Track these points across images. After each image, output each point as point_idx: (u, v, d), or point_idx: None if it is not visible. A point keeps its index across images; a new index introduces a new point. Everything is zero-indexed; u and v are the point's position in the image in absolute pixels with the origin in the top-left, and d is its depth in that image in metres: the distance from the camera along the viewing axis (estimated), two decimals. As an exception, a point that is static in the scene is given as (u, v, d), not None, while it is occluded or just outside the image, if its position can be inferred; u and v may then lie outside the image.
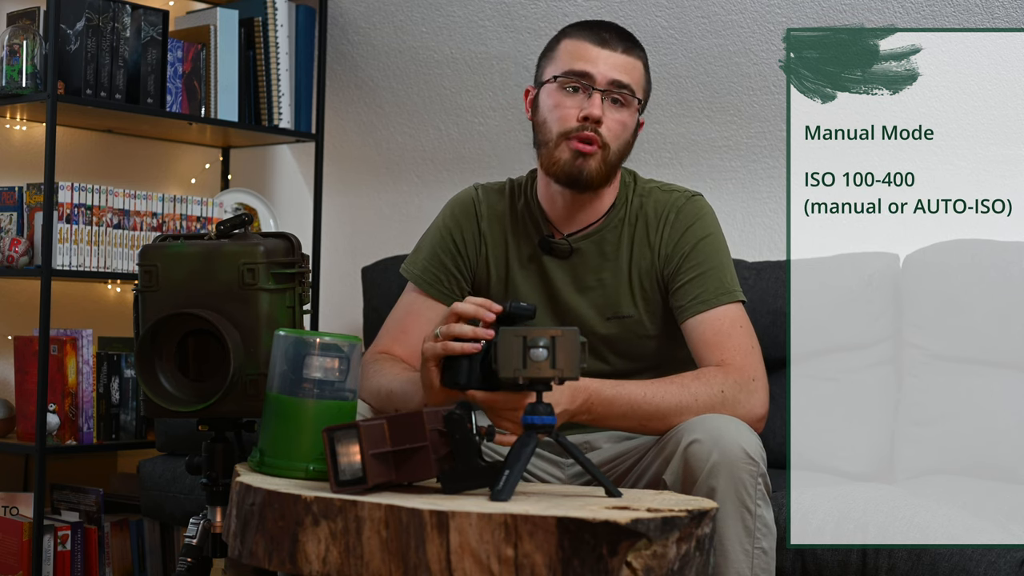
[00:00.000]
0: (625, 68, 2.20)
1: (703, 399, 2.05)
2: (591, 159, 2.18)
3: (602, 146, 2.18)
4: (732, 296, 2.19)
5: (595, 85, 2.18)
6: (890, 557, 2.23)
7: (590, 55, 2.19)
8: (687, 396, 2.05)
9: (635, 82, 2.21)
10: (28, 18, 3.18)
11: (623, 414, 2.03)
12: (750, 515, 1.93)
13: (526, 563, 1.54)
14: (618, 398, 2.02)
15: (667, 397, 2.04)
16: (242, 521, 1.78)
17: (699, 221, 2.24)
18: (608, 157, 2.19)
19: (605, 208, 2.28)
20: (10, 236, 3.20)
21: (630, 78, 2.20)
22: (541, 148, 2.23)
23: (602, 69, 2.18)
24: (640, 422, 2.04)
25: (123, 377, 3.32)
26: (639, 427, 2.06)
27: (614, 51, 2.20)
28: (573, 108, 2.18)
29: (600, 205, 2.27)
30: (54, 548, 3.14)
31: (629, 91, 2.20)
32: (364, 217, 3.99)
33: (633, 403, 2.03)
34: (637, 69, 2.23)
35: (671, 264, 2.23)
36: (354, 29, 3.73)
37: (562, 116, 2.19)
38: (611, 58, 2.19)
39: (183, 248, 2.06)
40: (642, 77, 2.24)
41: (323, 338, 1.89)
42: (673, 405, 2.04)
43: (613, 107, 2.19)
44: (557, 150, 2.19)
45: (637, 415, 2.04)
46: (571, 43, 2.23)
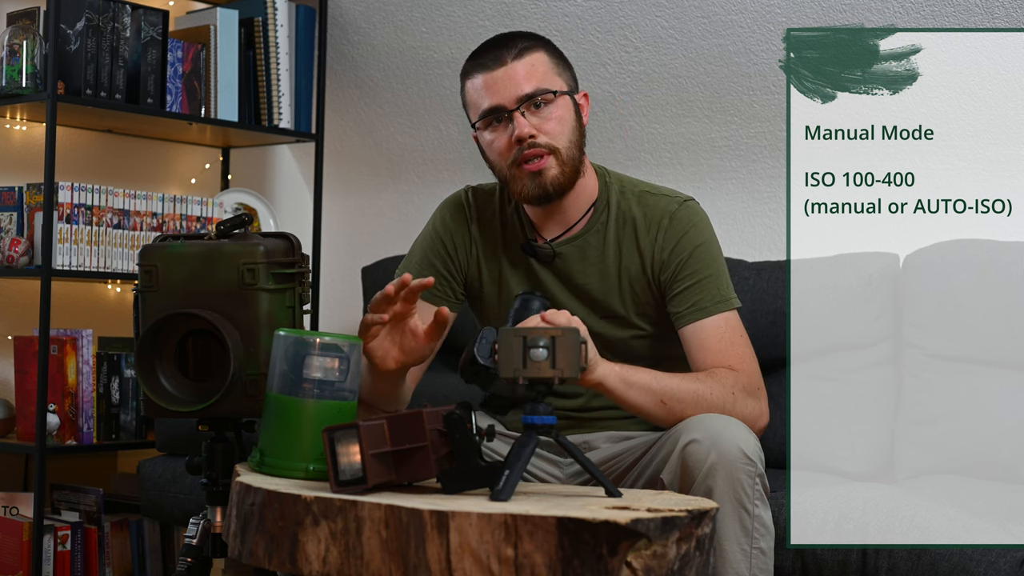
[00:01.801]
0: (526, 75, 2.18)
1: (717, 394, 2.07)
2: (548, 171, 2.18)
3: (551, 151, 2.18)
4: (729, 304, 2.21)
5: (507, 109, 2.18)
6: (890, 557, 2.23)
7: (489, 84, 2.19)
8: (703, 387, 2.07)
9: (541, 79, 2.19)
10: (28, 18, 3.18)
11: (646, 385, 2.05)
12: (748, 515, 1.94)
13: (526, 563, 1.54)
14: (640, 371, 2.06)
15: (684, 383, 2.08)
16: (242, 521, 1.78)
17: (694, 228, 2.24)
18: (563, 156, 2.19)
19: (585, 207, 2.28)
20: (10, 236, 3.20)
21: (535, 80, 2.18)
22: (505, 184, 2.25)
23: (506, 93, 2.17)
24: (660, 399, 2.05)
25: (123, 377, 3.32)
26: (659, 406, 2.06)
27: (506, 64, 2.19)
28: (504, 137, 2.19)
29: (579, 204, 2.27)
30: (54, 548, 3.14)
31: (541, 92, 2.18)
32: (364, 217, 3.99)
33: (656, 379, 2.06)
34: (538, 64, 2.20)
35: (667, 271, 2.23)
36: (354, 29, 3.73)
37: (500, 149, 2.20)
38: (508, 73, 2.18)
39: (183, 248, 2.06)
40: (548, 66, 2.22)
41: (323, 338, 1.89)
42: (691, 391, 2.06)
43: (538, 111, 2.18)
44: (516, 180, 2.20)
45: (660, 385, 2.05)
46: (472, 81, 2.23)
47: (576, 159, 2.22)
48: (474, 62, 2.24)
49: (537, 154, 2.17)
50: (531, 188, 2.19)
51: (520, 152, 2.17)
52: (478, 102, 2.22)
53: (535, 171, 2.18)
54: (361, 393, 2.16)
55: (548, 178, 2.18)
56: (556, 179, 2.19)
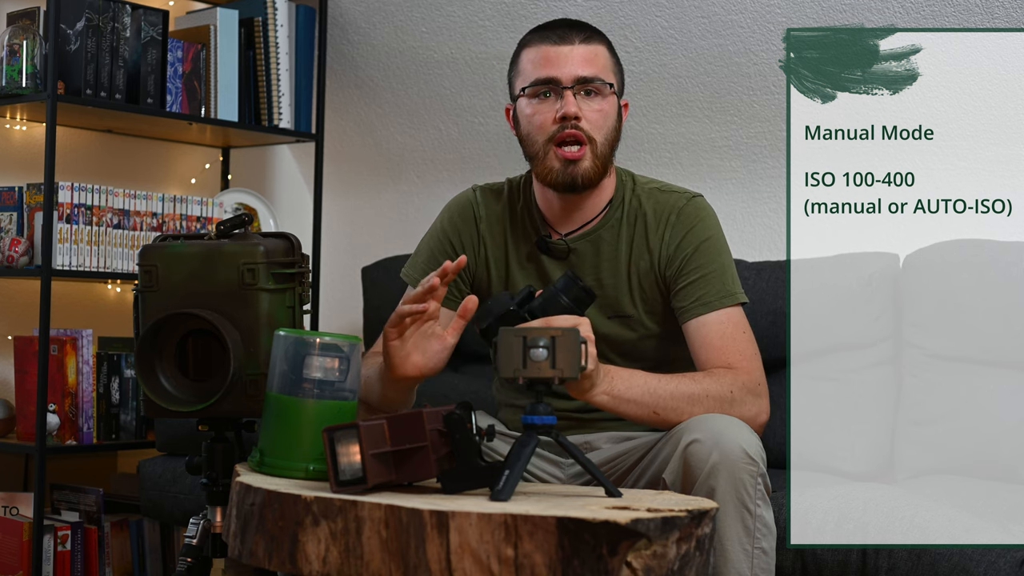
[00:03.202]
0: (587, 59, 2.20)
1: (714, 394, 2.07)
2: (582, 162, 2.19)
3: (588, 140, 2.19)
4: (734, 299, 2.20)
5: (563, 85, 2.18)
6: (890, 557, 2.23)
7: (550, 57, 2.20)
8: (699, 389, 2.07)
9: (601, 69, 2.21)
10: (28, 18, 3.18)
11: (640, 395, 2.04)
12: (750, 515, 1.93)
13: (526, 563, 1.54)
14: (635, 377, 2.05)
15: (680, 387, 2.07)
16: (242, 521, 1.78)
17: (701, 223, 2.25)
18: (597, 150, 2.20)
19: (602, 205, 2.28)
20: (10, 236, 3.20)
21: (595, 68, 2.20)
22: (532, 160, 2.25)
23: (565, 68, 2.19)
24: (655, 407, 2.05)
25: (123, 377, 3.32)
26: (652, 416, 2.06)
27: (572, 45, 2.20)
28: (549, 112, 2.19)
29: (597, 202, 2.27)
30: (54, 548, 3.14)
31: (598, 81, 2.20)
32: (364, 217, 3.99)
33: (648, 388, 2.05)
34: (600, 56, 2.22)
35: (673, 266, 2.23)
36: (354, 29, 3.73)
37: (541, 123, 2.20)
38: (572, 53, 2.20)
39: (183, 248, 2.06)
40: (608, 61, 2.24)
41: (323, 338, 1.89)
42: (686, 395, 2.06)
43: (588, 99, 2.20)
44: (547, 159, 2.20)
45: (653, 397, 2.05)
46: (530, 51, 2.23)
47: (608, 157, 2.23)
48: (538, 34, 2.24)
49: (575, 138, 2.18)
50: (561, 174, 2.19)
51: (560, 130, 2.18)
52: (532, 71, 2.22)
53: (570, 159, 2.18)
54: (369, 399, 2.17)
55: (580, 169, 2.19)
56: (587, 172, 2.19)
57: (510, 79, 2.29)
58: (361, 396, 2.19)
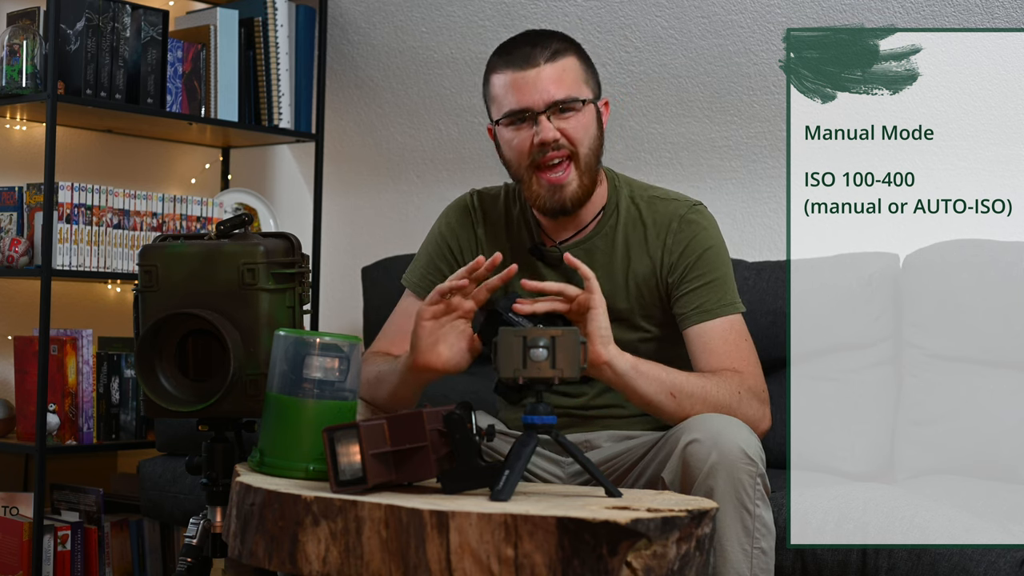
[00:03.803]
0: (556, 79, 2.17)
1: (724, 392, 2.08)
2: (567, 186, 2.18)
3: (571, 156, 2.18)
4: (735, 308, 2.21)
5: (536, 111, 2.16)
6: (890, 557, 2.23)
7: (519, 85, 2.17)
8: (711, 385, 2.08)
9: (572, 86, 2.18)
10: (28, 18, 3.18)
11: (656, 376, 2.06)
12: (749, 515, 1.94)
13: (526, 563, 1.54)
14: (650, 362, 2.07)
15: (692, 379, 2.09)
16: (242, 521, 1.78)
17: (704, 231, 2.25)
18: (581, 163, 2.19)
19: (595, 211, 2.28)
20: (10, 236, 3.20)
21: (565, 87, 2.17)
22: (519, 184, 2.25)
23: (535, 96, 2.16)
24: (669, 391, 2.06)
25: (123, 377, 3.32)
26: (669, 399, 2.06)
27: (539, 67, 2.16)
28: (527, 138, 2.18)
29: (590, 209, 2.27)
30: (54, 548, 3.14)
31: (571, 99, 2.17)
32: (364, 217, 3.99)
33: (663, 372, 2.07)
34: (569, 71, 2.19)
35: (675, 272, 2.23)
36: (354, 29, 3.73)
37: (520, 149, 2.19)
38: (539, 76, 2.16)
39: (183, 248, 2.06)
40: (578, 72, 2.21)
41: (323, 338, 1.89)
42: (698, 387, 2.07)
43: (563, 116, 2.17)
44: (533, 184, 2.20)
45: (667, 382, 2.06)
46: (499, 77, 2.20)
47: (593, 168, 2.22)
48: (504, 58, 2.21)
49: (558, 156, 2.17)
50: (548, 201, 2.19)
51: (541, 154, 2.17)
52: (503, 100, 2.20)
53: (555, 184, 2.18)
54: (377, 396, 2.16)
55: (568, 194, 2.19)
56: (575, 194, 2.19)
57: (485, 103, 2.27)
58: (367, 394, 2.19)
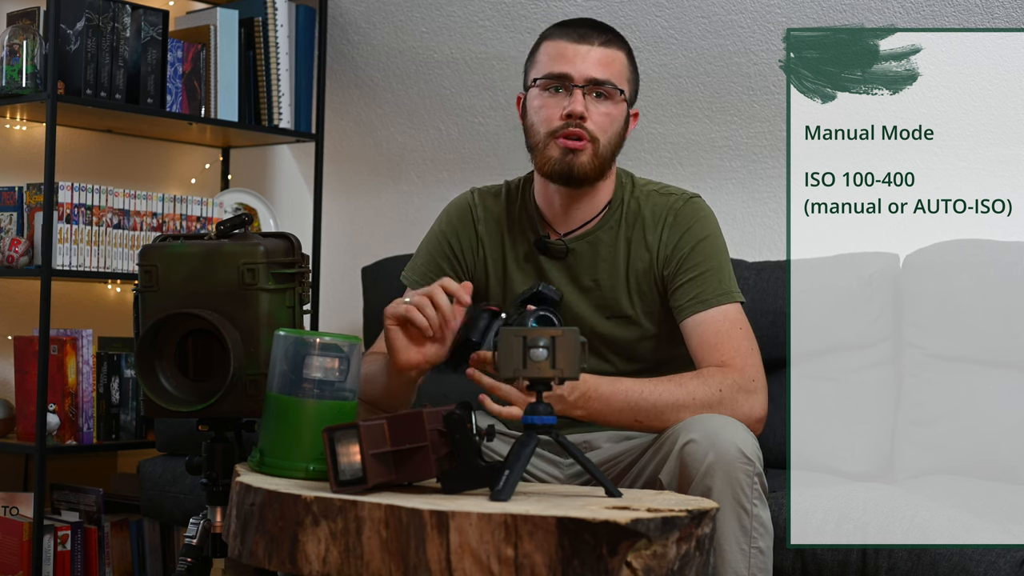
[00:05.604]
0: (603, 62, 2.20)
1: (700, 397, 2.05)
2: (581, 154, 2.19)
3: (591, 140, 2.19)
4: (731, 297, 2.20)
5: (574, 83, 2.19)
6: (890, 557, 2.23)
7: (567, 54, 2.20)
8: (684, 394, 2.05)
9: (615, 75, 2.22)
10: (28, 18, 3.18)
11: (620, 410, 2.04)
12: (747, 515, 1.93)
13: (526, 563, 1.54)
14: (615, 394, 2.04)
15: (664, 395, 2.05)
16: (242, 521, 1.78)
17: (698, 223, 2.25)
18: (599, 150, 2.20)
19: (601, 206, 2.28)
20: (10, 236, 3.20)
21: (609, 72, 2.21)
22: (533, 151, 2.25)
23: (580, 67, 2.19)
24: (636, 419, 2.05)
25: (123, 377, 3.32)
26: (635, 424, 2.06)
27: (591, 45, 2.21)
28: (556, 107, 2.20)
29: (596, 202, 2.27)
30: (54, 548, 3.14)
31: (610, 84, 2.20)
32: (364, 217, 3.99)
33: (630, 399, 2.04)
34: (617, 61, 2.23)
35: (670, 265, 2.23)
36: (354, 29, 3.73)
37: (547, 116, 2.20)
38: (589, 53, 2.20)
39: (183, 248, 2.06)
40: (624, 68, 2.24)
41: (323, 338, 1.89)
42: (670, 402, 2.05)
43: (597, 101, 2.20)
44: (547, 149, 2.21)
45: (634, 411, 2.04)
46: (550, 44, 2.24)
47: (608, 159, 2.23)
48: (561, 29, 2.25)
49: (579, 135, 2.18)
50: (558, 163, 2.20)
51: (565, 127, 2.18)
52: (546, 64, 2.22)
53: (571, 149, 2.19)
54: (373, 394, 2.17)
55: (578, 161, 2.19)
56: (584, 166, 2.20)
57: (525, 68, 2.30)
58: (365, 394, 2.20)
